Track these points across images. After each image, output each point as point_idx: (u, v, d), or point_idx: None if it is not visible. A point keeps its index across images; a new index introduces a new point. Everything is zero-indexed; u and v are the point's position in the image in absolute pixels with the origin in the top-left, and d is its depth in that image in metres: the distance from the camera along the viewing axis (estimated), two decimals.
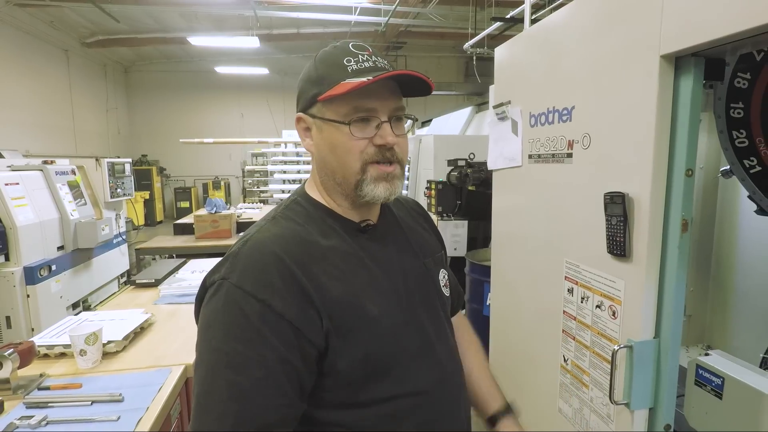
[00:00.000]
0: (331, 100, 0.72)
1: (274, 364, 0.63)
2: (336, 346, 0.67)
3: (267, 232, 0.72)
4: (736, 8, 0.73)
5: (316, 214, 0.77)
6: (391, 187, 0.74)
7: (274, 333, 0.63)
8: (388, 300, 0.74)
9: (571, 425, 1.21)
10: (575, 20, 1.17)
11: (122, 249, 4.46)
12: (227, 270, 0.68)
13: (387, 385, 0.72)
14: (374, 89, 0.71)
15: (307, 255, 0.70)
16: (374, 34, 8.42)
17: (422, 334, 0.77)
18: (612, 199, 0.99)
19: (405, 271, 0.80)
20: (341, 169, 0.74)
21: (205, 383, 0.63)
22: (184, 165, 11.61)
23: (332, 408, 0.70)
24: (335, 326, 0.67)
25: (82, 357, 1.42)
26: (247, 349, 0.63)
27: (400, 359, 0.73)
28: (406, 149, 0.77)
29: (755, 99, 1.18)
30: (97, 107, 9.87)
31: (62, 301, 3.35)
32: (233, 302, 0.65)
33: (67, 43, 8.45)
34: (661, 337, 0.96)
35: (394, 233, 0.84)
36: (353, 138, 0.71)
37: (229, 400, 0.61)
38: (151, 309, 1.96)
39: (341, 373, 0.69)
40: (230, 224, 4.00)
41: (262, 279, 0.66)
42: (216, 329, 0.65)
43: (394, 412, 0.72)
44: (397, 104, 0.74)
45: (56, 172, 3.58)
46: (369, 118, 0.72)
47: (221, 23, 8.20)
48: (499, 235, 1.65)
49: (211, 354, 0.64)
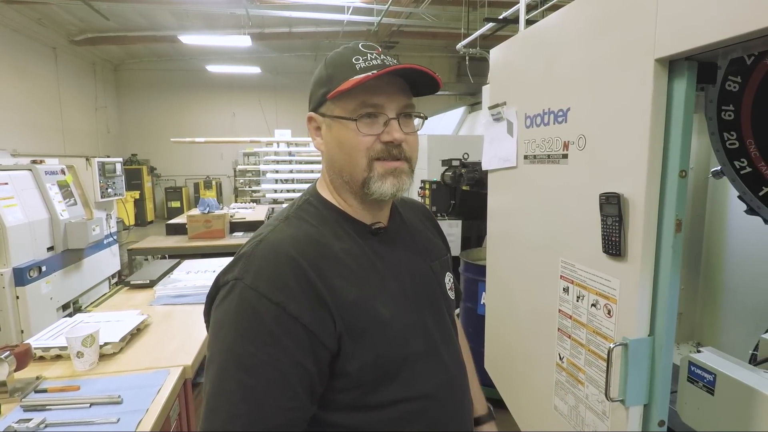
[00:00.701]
0: (339, 98, 0.72)
1: (286, 367, 0.63)
2: (348, 349, 0.67)
3: (281, 233, 0.72)
4: (727, 14, 0.75)
5: (329, 215, 0.77)
6: (399, 183, 0.74)
7: (288, 336, 0.63)
8: (398, 303, 0.75)
9: (567, 422, 1.23)
10: (571, 23, 1.18)
11: (113, 249, 4.42)
12: (241, 270, 0.67)
13: (395, 388, 0.72)
14: (382, 86, 0.71)
15: (321, 257, 0.69)
16: (367, 34, 8.42)
17: (429, 337, 0.78)
18: (607, 199, 1.01)
19: (413, 274, 0.80)
20: (348, 167, 0.74)
21: (216, 384, 0.63)
22: (175, 164, 11.51)
23: (341, 410, 0.70)
24: (348, 329, 0.67)
25: (79, 359, 1.41)
26: (259, 350, 0.62)
27: (408, 362, 0.73)
28: (416, 147, 0.77)
29: (745, 101, 1.21)
30: (86, 106, 9.74)
31: (52, 303, 3.31)
32: (247, 303, 0.64)
33: (56, 40, 8.33)
34: (656, 335, 0.98)
35: (402, 236, 0.85)
36: (360, 134, 0.71)
37: (240, 402, 0.61)
38: (146, 310, 1.95)
39: (352, 376, 0.69)
40: (223, 224, 3.98)
41: (276, 281, 0.65)
42: (229, 330, 0.64)
43: (402, 415, 0.72)
44: (406, 102, 0.74)
45: (45, 172, 3.53)
46: (376, 114, 0.72)
47: (213, 21, 8.14)
48: (495, 234, 1.67)
49: (223, 354, 0.64)
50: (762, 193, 1.24)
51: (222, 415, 0.61)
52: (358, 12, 7.13)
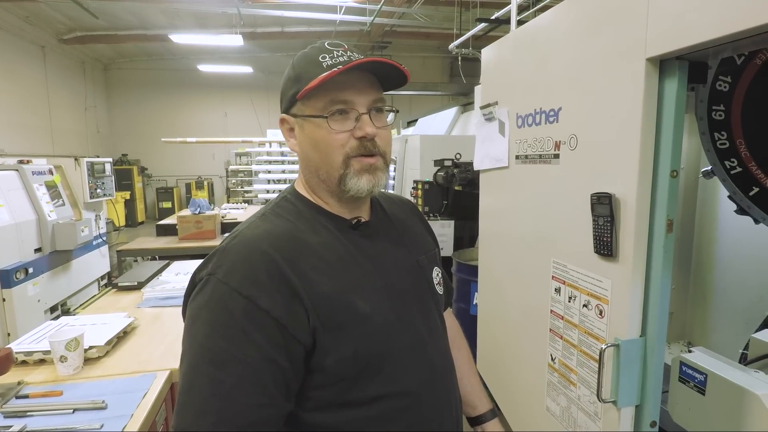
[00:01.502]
0: (308, 97, 0.73)
1: (258, 362, 0.62)
2: (324, 343, 0.67)
3: (256, 228, 0.72)
4: (717, 14, 0.75)
5: (307, 211, 0.77)
6: (374, 179, 0.74)
7: (259, 330, 0.63)
8: (380, 297, 0.74)
9: (559, 423, 1.22)
10: (562, 22, 1.18)
11: (102, 250, 4.37)
12: (214, 265, 0.67)
13: (377, 384, 0.71)
14: (350, 82, 0.71)
15: (296, 251, 0.69)
16: (359, 34, 8.41)
17: (414, 332, 0.77)
18: (599, 199, 1.01)
19: (398, 267, 0.79)
20: (324, 165, 0.74)
21: (188, 379, 0.63)
22: (166, 165, 11.42)
23: (321, 409, 0.70)
24: (323, 323, 0.67)
25: (63, 363, 1.38)
26: (230, 346, 0.62)
27: (391, 357, 0.72)
28: (389, 141, 0.77)
29: (736, 101, 1.21)
30: (75, 105, 9.62)
31: (40, 305, 3.26)
32: (219, 298, 0.64)
33: (44, 39, 8.22)
34: (648, 335, 0.98)
35: (386, 230, 0.84)
36: (332, 131, 0.72)
37: (211, 397, 0.60)
38: (134, 313, 1.92)
39: (329, 371, 0.68)
40: (214, 225, 3.94)
41: (248, 275, 0.65)
42: (201, 325, 0.64)
43: (384, 413, 0.71)
44: (376, 96, 0.74)
45: (33, 172, 3.48)
46: (347, 110, 0.72)
47: (204, 21, 8.08)
48: (487, 234, 1.66)
49: (195, 350, 0.64)
50: (752, 193, 1.24)
51: (192, 412, 0.61)
52: (350, 12, 7.12)
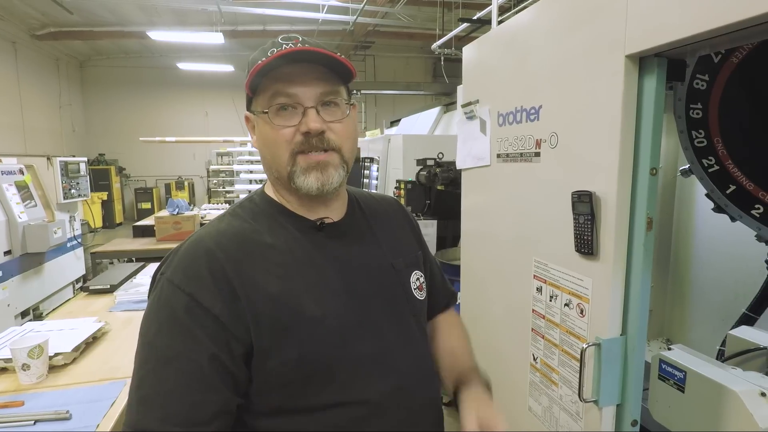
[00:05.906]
0: (258, 92, 0.71)
1: (201, 358, 0.62)
2: (265, 345, 0.65)
3: (210, 228, 0.72)
4: (694, 11, 0.75)
5: (268, 210, 0.75)
6: (323, 177, 0.70)
7: (200, 327, 0.62)
8: (338, 300, 0.70)
9: (541, 423, 1.22)
10: (542, 20, 1.17)
11: (77, 253, 4.23)
12: (166, 265, 0.68)
13: (331, 391, 0.67)
14: (296, 75, 0.69)
15: (243, 251, 0.68)
16: (342, 33, 8.35)
17: (378, 338, 0.73)
18: (579, 197, 1.00)
19: (366, 271, 0.76)
20: (274, 162, 0.72)
21: (137, 377, 0.63)
22: (145, 165, 11.17)
23: (270, 414, 0.67)
24: (267, 324, 0.65)
25: (25, 372, 1.31)
26: (175, 342, 0.62)
27: (347, 364, 0.69)
28: (347, 135, 0.73)
29: (713, 100, 1.22)
30: (48, 104, 9.33)
31: (10, 310, 3.13)
32: (164, 296, 0.65)
33: (15, 34, 7.94)
34: (628, 334, 0.97)
35: (360, 231, 0.81)
36: (276, 127, 0.69)
37: (157, 395, 0.60)
38: (105, 317, 1.85)
39: (272, 374, 0.66)
40: (193, 226, 3.85)
41: (190, 273, 0.65)
42: (150, 323, 0.65)
43: (337, 422, 0.67)
44: (326, 89, 0.70)
45: (2, 172, 3.35)
46: (292, 105, 0.69)
47: (183, 18, 7.92)
48: (469, 234, 1.65)
49: (144, 348, 0.64)
50: (729, 191, 1.25)
51: (140, 409, 0.61)
52: (333, 11, 7.06)
